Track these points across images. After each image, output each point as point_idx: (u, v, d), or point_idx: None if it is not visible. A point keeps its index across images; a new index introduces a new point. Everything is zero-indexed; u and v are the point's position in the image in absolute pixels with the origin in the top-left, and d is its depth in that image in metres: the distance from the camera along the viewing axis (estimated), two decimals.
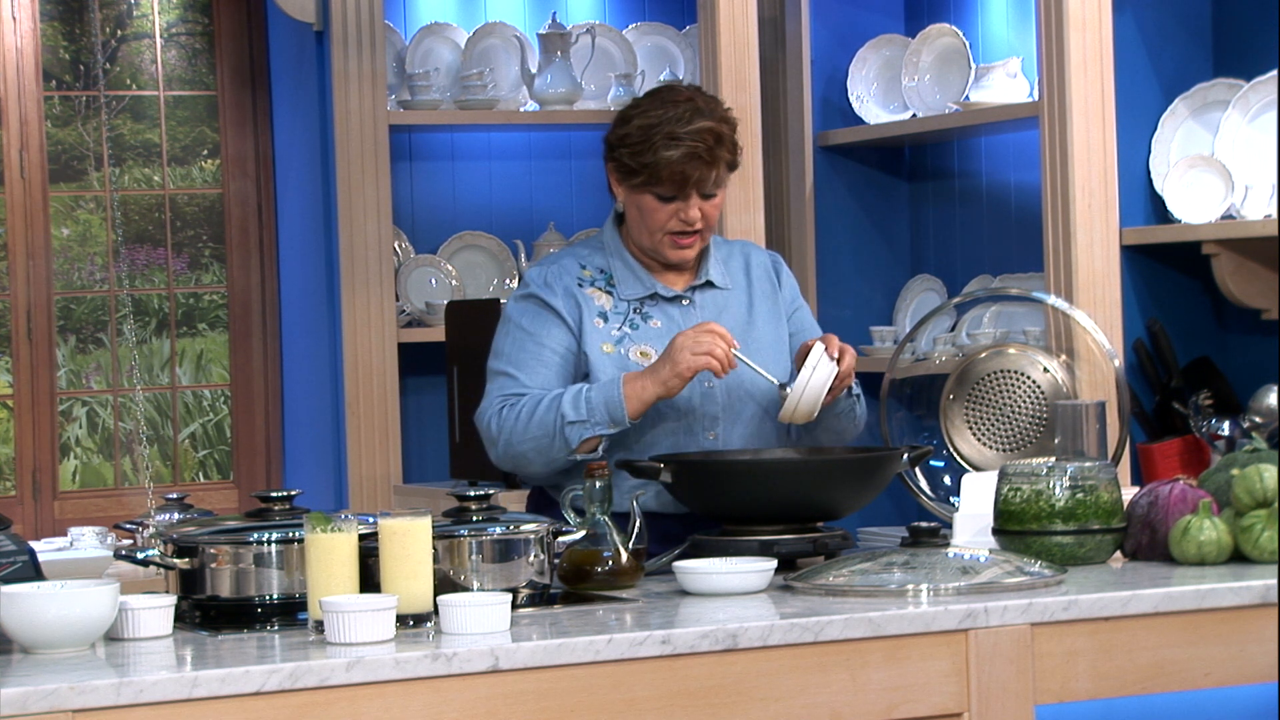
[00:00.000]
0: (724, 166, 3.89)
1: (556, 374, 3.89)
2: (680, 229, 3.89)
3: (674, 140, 3.84)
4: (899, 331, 5.77)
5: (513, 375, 3.89)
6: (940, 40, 5.66)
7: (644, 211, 3.90)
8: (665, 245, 3.92)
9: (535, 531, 3.29)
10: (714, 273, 4.01)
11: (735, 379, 3.91)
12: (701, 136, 3.85)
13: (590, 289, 3.95)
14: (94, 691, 2.75)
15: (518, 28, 6.12)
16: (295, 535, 3.19)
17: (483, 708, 2.94)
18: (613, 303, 3.94)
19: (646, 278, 3.96)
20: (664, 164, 3.83)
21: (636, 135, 3.87)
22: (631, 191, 3.90)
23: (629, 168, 3.88)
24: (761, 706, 3.08)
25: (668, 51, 6.24)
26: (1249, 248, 4.81)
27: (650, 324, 3.95)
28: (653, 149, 3.84)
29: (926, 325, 4.77)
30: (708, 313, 3.97)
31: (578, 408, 3.78)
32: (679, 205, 3.87)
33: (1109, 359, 4.26)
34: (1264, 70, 4.86)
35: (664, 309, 3.96)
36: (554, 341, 3.90)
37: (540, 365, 3.89)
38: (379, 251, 5.81)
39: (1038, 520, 3.57)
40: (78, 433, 6.36)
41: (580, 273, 3.97)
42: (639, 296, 3.95)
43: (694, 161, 3.84)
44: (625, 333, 3.92)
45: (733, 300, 4.01)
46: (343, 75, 5.78)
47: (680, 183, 3.85)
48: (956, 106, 5.51)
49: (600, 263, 3.98)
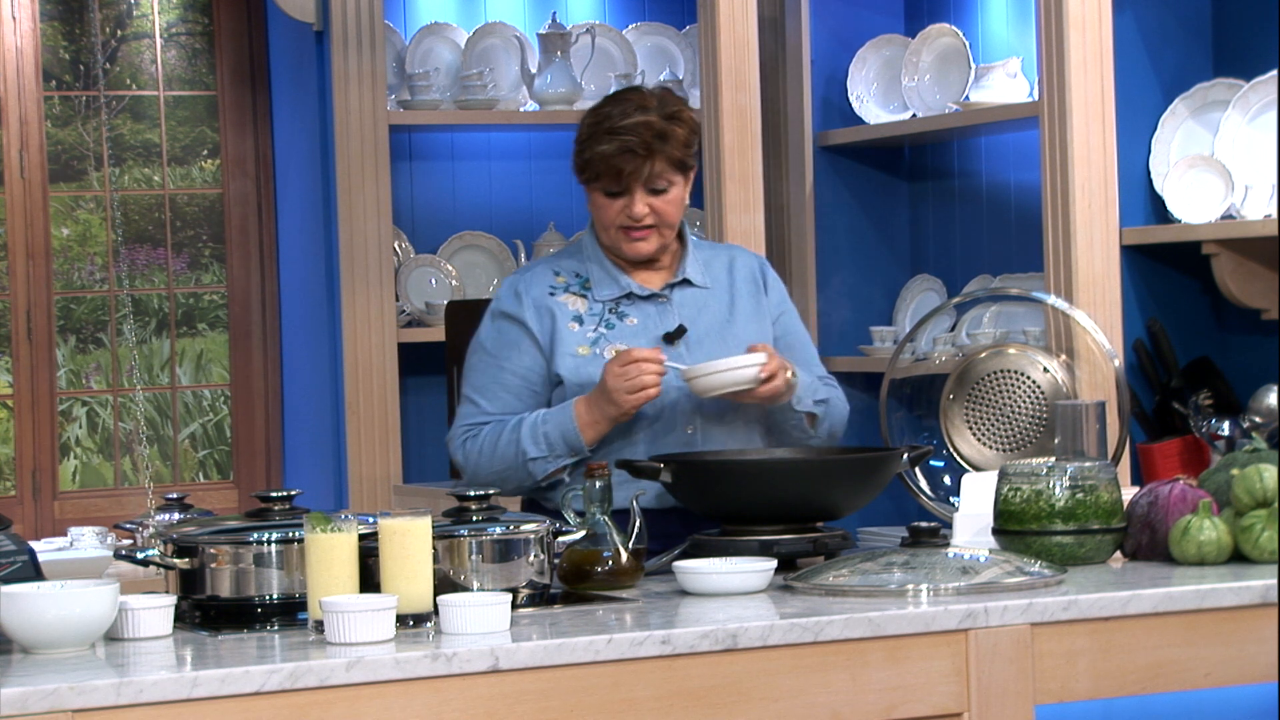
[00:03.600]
0: (667, 163, 3.88)
1: (519, 398, 3.92)
2: (628, 224, 3.90)
3: (610, 134, 3.86)
4: (899, 331, 5.77)
5: (476, 402, 3.94)
6: (940, 40, 5.66)
7: (597, 208, 3.94)
8: (620, 240, 3.93)
9: (535, 531, 3.29)
10: (692, 271, 4.01)
11: None
12: (637, 130, 3.85)
13: (564, 295, 3.96)
14: (94, 691, 2.75)
15: (517, 28, 6.13)
16: (295, 535, 3.19)
17: (483, 708, 2.94)
18: (588, 305, 3.95)
19: (622, 277, 3.97)
20: (599, 158, 3.86)
21: (585, 132, 3.92)
22: (587, 189, 3.94)
23: (578, 166, 3.92)
24: (761, 707, 3.09)
25: (668, 51, 6.24)
26: (1249, 248, 4.80)
27: (626, 322, 3.95)
28: (592, 143, 3.88)
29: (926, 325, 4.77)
30: (686, 310, 3.97)
31: (537, 443, 3.83)
32: (625, 201, 3.89)
33: (1109, 359, 4.26)
34: (1264, 70, 4.86)
35: (640, 307, 3.97)
36: (518, 365, 3.92)
37: (503, 390, 3.92)
38: (379, 251, 5.81)
39: (1038, 520, 3.57)
40: (78, 433, 6.36)
41: (553, 280, 3.98)
42: (614, 297, 3.96)
43: (626, 155, 3.85)
44: (601, 333, 3.93)
45: (712, 299, 4.01)
46: (343, 75, 5.79)
47: (615, 176, 3.87)
48: (956, 106, 5.51)
49: (576, 267, 4.00)
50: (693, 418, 3.92)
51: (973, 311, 5.36)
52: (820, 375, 4.10)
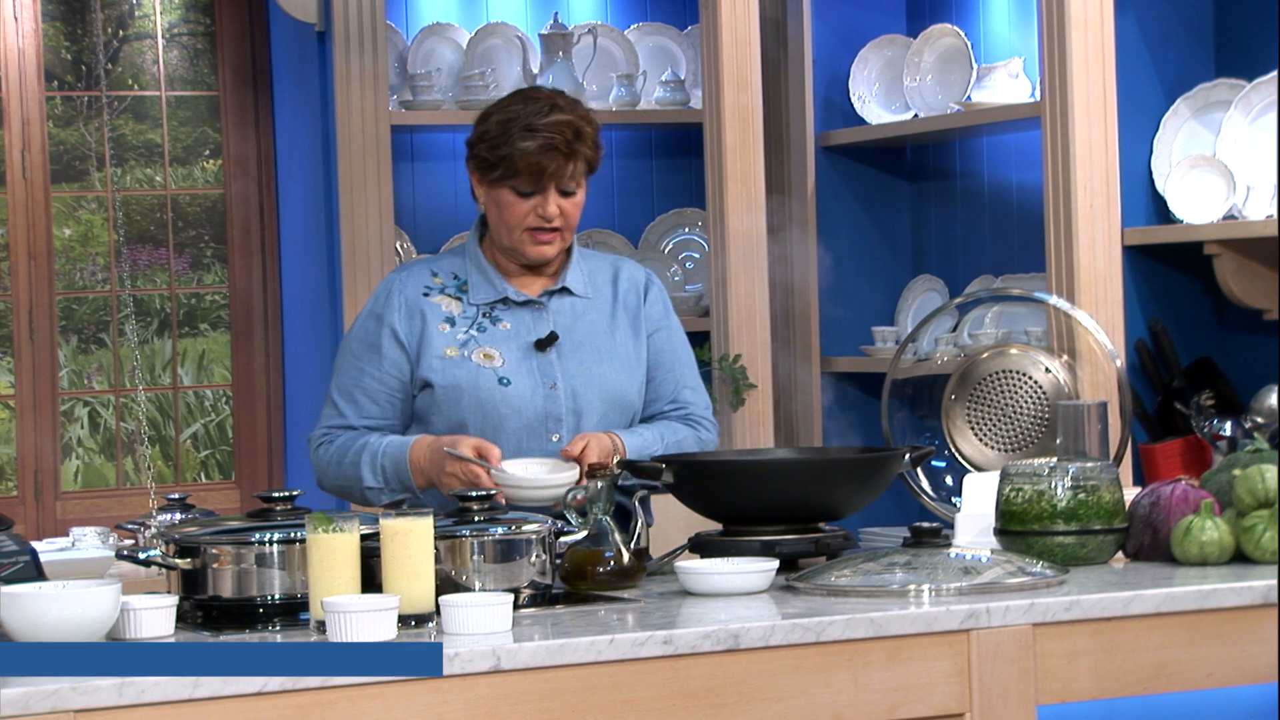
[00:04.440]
0: (583, 162, 3.87)
1: (377, 403, 3.91)
2: (538, 224, 3.87)
3: (531, 132, 3.82)
4: (901, 332, 5.78)
5: (336, 404, 3.94)
6: (942, 40, 5.66)
7: (502, 207, 3.88)
8: (525, 242, 3.89)
9: (537, 532, 3.29)
10: (573, 280, 3.97)
11: (582, 380, 3.90)
12: (559, 129, 3.83)
13: (438, 296, 3.93)
14: (96, 691, 2.75)
15: (519, 28, 6.13)
16: (297, 535, 3.19)
17: (484, 708, 2.94)
18: (461, 308, 3.93)
19: (499, 281, 3.94)
20: (520, 155, 3.82)
21: (495, 130, 3.86)
22: (490, 188, 3.88)
23: (487, 162, 3.86)
24: (763, 707, 3.08)
25: (669, 52, 6.24)
26: (1251, 248, 4.81)
27: (499, 327, 3.92)
28: (510, 141, 3.83)
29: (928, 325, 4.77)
30: (562, 318, 3.94)
31: (375, 473, 3.85)
32: (537, 201, 3.85)
33: (1111, 359, 4.26)
34: (1265, 70, 4.86)
35: (515, 313, 3.93)
36: (377, 370, 3.90)
37: (362, 394, 3.91)
38: (380, 252, 5.81)
39: (1039, 520, 3.57)
40: (79, 433, 6.36)
41: (430, 280, 3.95)
42: (489, 301, 3.93)
43: (550, 153, 3.82)
44: (471, 335, 3.90)
45: (591, 309, 3.98)
46: (344, 75, 5.79)
47: (537, 174, 3.83)
48: (958, 107, 5.51)
49: (455, 269, 3.97)
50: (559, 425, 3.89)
51: (975, 312, 5.36)
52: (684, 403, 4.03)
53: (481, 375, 3.85)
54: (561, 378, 3.88)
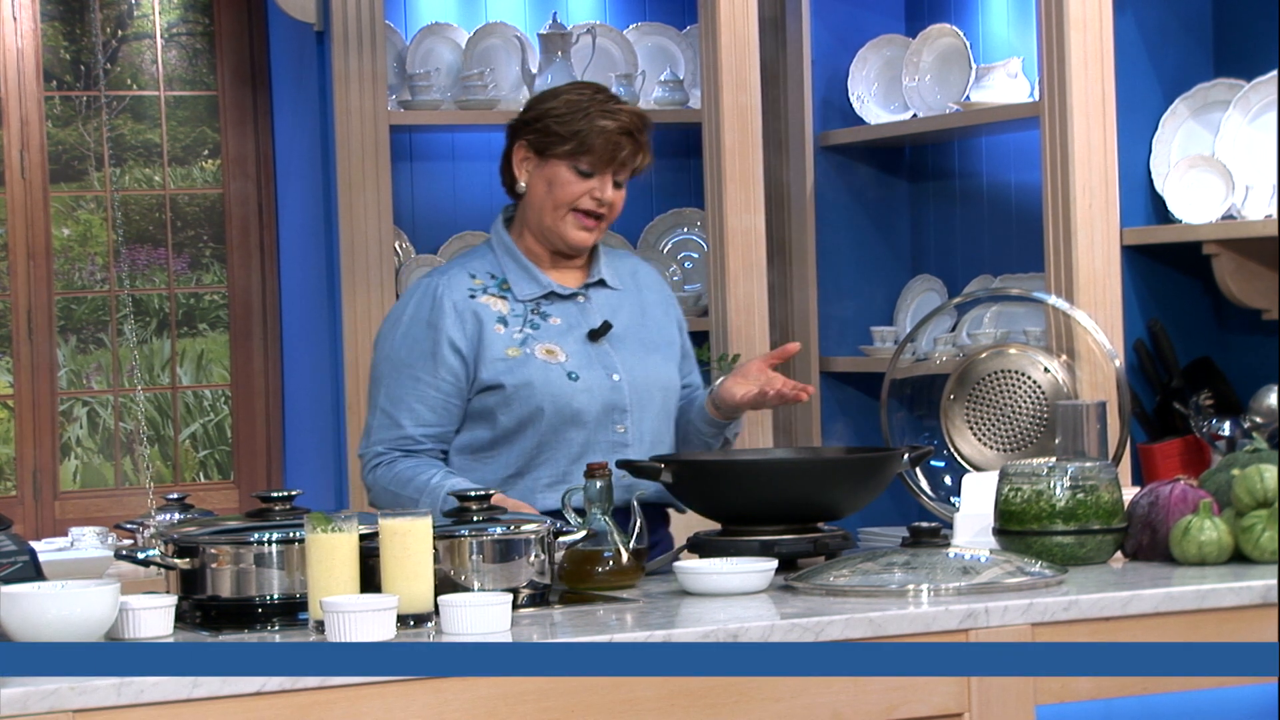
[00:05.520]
0: (642, 159, 3.91)
1: (435, 412, 3.87)
2: (589, 208, 3.88)
3: (609, 113, 3.87)
4: (900, 331, 5.77)
5: (391, 415, 3.87)
6: (941, 40, 5.65)
7: (555, 184, 3.88)
8: (568, 224, 3.90)
9: (536, 532, 3.29)
10: (606, 273, 4.00)
11: (640, 370, 3.93)
12: (634, 117, 3.90)
13: (484, 297, 3.91)
14: (95, 691, 2.75)
15: (518, 28, 6.12)
16: (296, 535, 3.19)
17: (483, 708, 2.94)
18: (509, 305, 3.92)
19: (541, 276, 3.94)
20: (599, 132, 3.84)
21: (565, 108, 3.88)
22: (546, 164, 3.89)
23: (556, 136, 3.86)
24: (762, 707, 3.08)
25: (668, 51, 6.24)
26: (1250, 248, 4.80)
27: (550, 321, 3.93)
28: (588, 117, 3.85)
29: (927, 325, 4.77)
30: (603, 311, 3.96)
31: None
32: (594, 184, 3.87)
33: (1109, 359, 4.26)
34: (1265, 70, 4.86)
35: (560, 306, 3.95)
36: (437, 378, 3.87)
37: (420, 404, 3.87)
38: (379, 252, 5.81)
39: (1038, 520, 3.57)
40: (78, 433, 6.36)
41: (471, 282, 3.93)
42: (535, 296, 3.93)
43: (626, 137, 3.87)
44: (527, 333, 3.90)
45: (626, 301, 4.01)
46: (343, 75, 5.78)
47: (609, 155, 3.85)
48: (957, 107, 5.51)
49: (490, 268, 3.95)
50: (623, 416, 3.91)
51: (973, 312, 5.36)
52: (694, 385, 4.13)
53: (550, 372, 3.85)
54: (621, 369, 3.92)
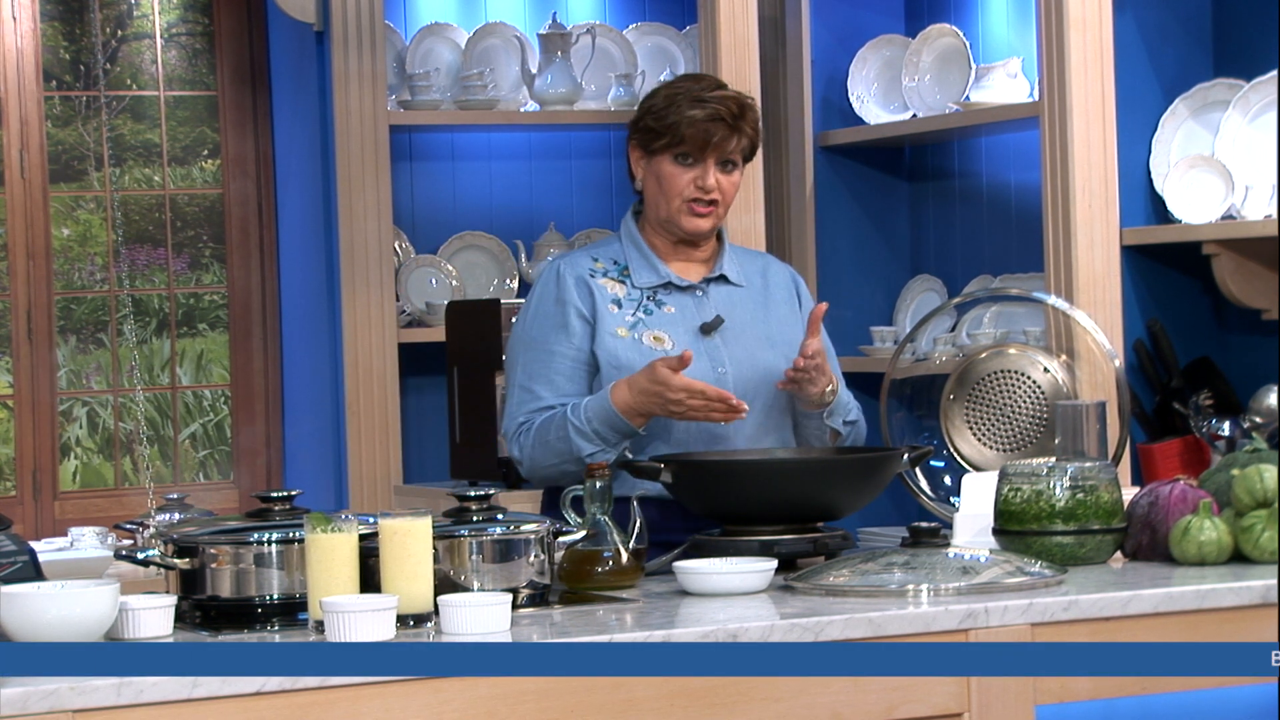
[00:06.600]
0: (745, 140, 3.96)
1: (573, 381, 3.92)
2: (697, 196, 3.93)
3: (699, 102, 3.92)
4: (899, 331, 5.77)
5: (530, 389, 3.92)
6: (940, 40, 5.66)
7: (663, 179, 3.95)
8: (682, 213, 3.95)
9: (535, 531, 3.29)
10: (729, 269, 4.04)
11: (749, 366, 3.95)
12: (726, 102, 3.94)
13: (602, 279, 3.98)
14: (95, 691, 2.75)
15: (518, 28, 6.12)
16: (295, 535, 3.19)
17: (483, 708, 2.94)
18: (626, 290, 3.98)
19: (661, 266, 4.00)
20: (687, 123, 3.91)
21: (661, 102, 3.96)
22: (652, 160, 3.96)
23: (653, 132, 3.94)
24: (762, 707, 3.08)
25: (668, 51, 6.24)
26: (1249, 248, 4.81)
27: (664, 310, 3.98)
28: (677, 109, 3.92)
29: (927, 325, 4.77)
30: (720, 306, 4.00)
31: (588, 439, 3.81)
32: (697, 172, 3.93)
33: (1109, 359, 4.26)
34: (1264, 70, 4.86)
35: (677, 297, 4.00)
36: (571, 347, 3.92)
37: (558, 375, 3.92)
38: (379, 252, 5.81)
39: (1038, 520, 3.57)
40: (78, 433, 6.36)
41: (592, 265, 4.01)
42: (653, 285, 3.99)
43: (717, 123, 3.91)
44: (639, 318, 3.95)
45: (747, 299, 4.04)
46: (343, 75, 5.78)
47: (702, 143, 3.91)
48: (957, 107, 5.51)
49: (614, 255, 4.03)
50: None
51: (973, 312, 5.37)
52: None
53: (653, 357, 3.86)
54: (729, 363, 3.94)
